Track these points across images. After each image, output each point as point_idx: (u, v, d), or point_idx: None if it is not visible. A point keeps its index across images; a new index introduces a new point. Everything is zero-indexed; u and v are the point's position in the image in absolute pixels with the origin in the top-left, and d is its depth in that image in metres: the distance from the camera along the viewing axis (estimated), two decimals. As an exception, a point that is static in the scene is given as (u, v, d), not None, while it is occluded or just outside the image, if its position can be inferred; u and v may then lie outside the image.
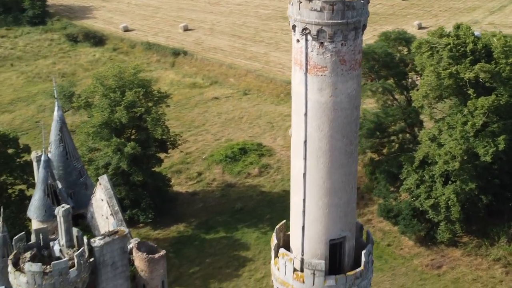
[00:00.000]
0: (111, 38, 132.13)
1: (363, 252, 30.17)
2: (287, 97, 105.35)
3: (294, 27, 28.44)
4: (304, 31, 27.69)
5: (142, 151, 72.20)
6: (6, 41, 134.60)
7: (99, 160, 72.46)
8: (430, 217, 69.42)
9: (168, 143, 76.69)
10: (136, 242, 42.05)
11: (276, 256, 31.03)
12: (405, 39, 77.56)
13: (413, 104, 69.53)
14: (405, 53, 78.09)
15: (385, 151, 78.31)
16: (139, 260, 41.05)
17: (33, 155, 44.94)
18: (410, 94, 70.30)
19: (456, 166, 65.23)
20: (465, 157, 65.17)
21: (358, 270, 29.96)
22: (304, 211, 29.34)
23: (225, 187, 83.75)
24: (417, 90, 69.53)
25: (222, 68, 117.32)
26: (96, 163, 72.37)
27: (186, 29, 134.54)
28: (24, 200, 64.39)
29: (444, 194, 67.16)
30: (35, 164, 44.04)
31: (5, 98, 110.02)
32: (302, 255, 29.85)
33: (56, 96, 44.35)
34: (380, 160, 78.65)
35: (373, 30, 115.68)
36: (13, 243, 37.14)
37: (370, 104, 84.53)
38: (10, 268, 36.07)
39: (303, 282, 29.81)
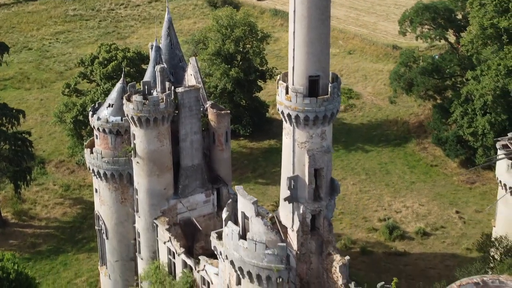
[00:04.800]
0: (245, 5, 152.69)
1: (329, 85, 47.62)
2: (384, 57, 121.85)
3: None
4: None
5: (244, 77, 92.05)
6: (159, 4, 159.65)
7: (210, 83, 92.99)
8: (471, 143, 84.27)
9: (266, 74, 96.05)
10: (211, 103, 61.80)
11: (278, 87, 49.15)
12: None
13: (460, 49, 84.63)
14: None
15: (448, 94, 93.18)
16: (211, 114, 60.57)
17: (149, 44, 65.42)
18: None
19: (489, 100, 79.97)
20: (498, 92, 79.72)
21: (325, 96, 47.47)
22: (293, 57, 47.26)
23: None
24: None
25: (334, 32, 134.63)
26: (208, 84, 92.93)
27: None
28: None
29: (481, 124, 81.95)
30: (150, 50, 64.45)
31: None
32: (292, 84, 47.83)
33: (167, 5, 64.54)
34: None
35: None
36: (127, 88, 57.75)
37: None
38: (124, 101, 56.57)
39: (290, 100, 47.81)
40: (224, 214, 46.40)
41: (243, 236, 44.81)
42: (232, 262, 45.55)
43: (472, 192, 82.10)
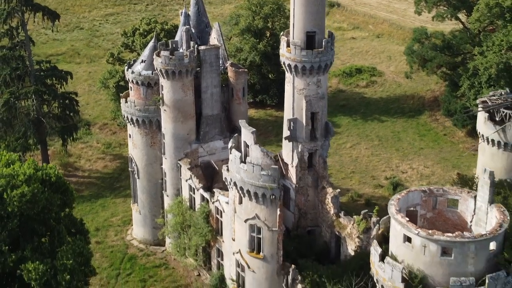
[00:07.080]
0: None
1: (323, 40, 55.94)
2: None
3: None
4: None
5: (272, 51, 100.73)
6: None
7: (240, 56, 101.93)
8: (477, 114, 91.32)
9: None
10: (230, 62, 70.73)
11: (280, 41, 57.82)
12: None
13: (469, 26, 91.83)
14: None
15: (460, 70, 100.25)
16: (230, 72, 69.49)
17: (180, 11, 74.55)
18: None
19: (493, 73, 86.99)
20: (501, 66, 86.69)
21: (320, 49, 55.77)
22: (293, 15, 55.79)
23: (337, 92, 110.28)
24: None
25: (365, 17, 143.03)
26: (238, 57, 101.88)
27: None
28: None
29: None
30: (180, 16, 73.59)
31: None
32: (293, 38, 56.47)
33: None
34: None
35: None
36: (158, 47, 66.97)
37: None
38: (154, 56, 65.66)
39: (290, 52, 56.27)
40: (230, 144, 55.29)
41: (244, 161, 53.58)
42: (235, 183, 54.38)
43: (475, 158, 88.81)
